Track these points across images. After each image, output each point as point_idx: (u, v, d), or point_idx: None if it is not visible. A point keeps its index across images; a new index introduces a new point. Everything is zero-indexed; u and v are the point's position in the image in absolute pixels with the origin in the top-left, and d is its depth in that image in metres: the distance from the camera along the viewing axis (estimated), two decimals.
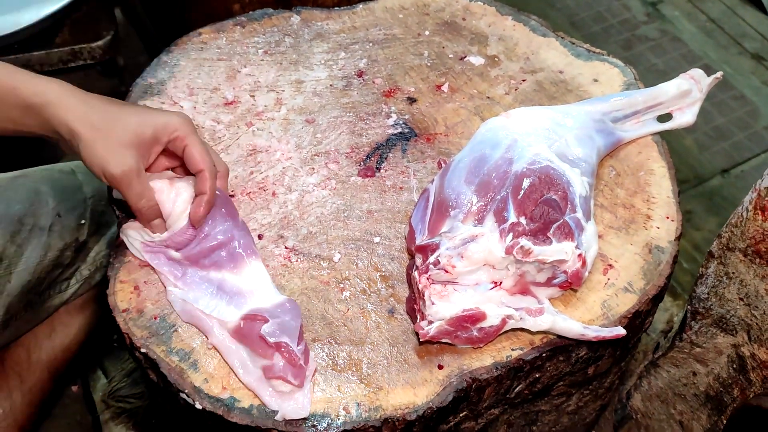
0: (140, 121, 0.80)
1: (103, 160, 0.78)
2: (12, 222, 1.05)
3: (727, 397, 1.01)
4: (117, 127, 0.78)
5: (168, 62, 1.05)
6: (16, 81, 0.78)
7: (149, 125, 0.80)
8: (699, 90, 0.98)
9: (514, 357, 0.79)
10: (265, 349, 0.74)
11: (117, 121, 0.79)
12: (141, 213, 0.82)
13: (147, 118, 0.81)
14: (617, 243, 0.88)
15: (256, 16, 1.12)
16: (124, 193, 0.80)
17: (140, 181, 0.80)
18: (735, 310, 0.95)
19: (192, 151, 0.81)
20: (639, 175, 0.95)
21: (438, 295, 0.77)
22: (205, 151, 0.82)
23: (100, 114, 0.78)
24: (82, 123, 0.77)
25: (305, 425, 0.74)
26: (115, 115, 0.79)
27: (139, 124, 0.80)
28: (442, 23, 1.13)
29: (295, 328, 0.75)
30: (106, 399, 1.35)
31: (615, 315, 0.83)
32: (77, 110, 0.78)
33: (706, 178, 1.86)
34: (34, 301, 1.10)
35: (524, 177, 0.81)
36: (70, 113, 0.77)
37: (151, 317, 0.81)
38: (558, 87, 1.05)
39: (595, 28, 2.18)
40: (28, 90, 0.78)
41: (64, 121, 0.77)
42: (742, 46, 2.15)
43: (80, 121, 0.77)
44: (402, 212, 0.91)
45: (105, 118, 0.78)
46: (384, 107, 1.02)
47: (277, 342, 0.74)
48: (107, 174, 0.78)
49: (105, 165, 0.78)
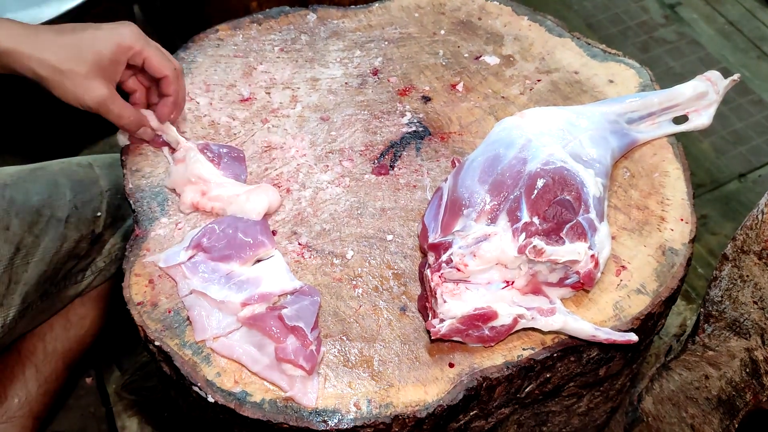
0: (95, 50, 0.83)
1: (76, 96, 0.82)
2: (30, 213, 1.06)
3: (740, 401, 1.00)
4: (77, 62, 0.81)
5: (185, 58, 1.06)
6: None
7: (105, 50, 0.83)
8: (715, 92, 0.98)
9: (525, 357, 0.79)
10: (281, 331, 0.75)
11: (74, 56, 0.82)
12: (127, 128, 0.88)
13: (100, 43, 0.83)
14: (630, 244, 0.88)
15: (272, 13, 1.13)
16: (106, 116, 0.85)
17: (116, 103, 0.85)
18: (749, 314, 0.94)
19: (151, 61, 0.86)
20: (653, 176, 0.95)
21: (450, 294, 0.78)
22: (162, 56, 0.87)
23: (55, 51, 0.82)
24: (43, 66, 0.81)
25: (316, 420, 0.74)
26: (70, 49, 0.82)
27: (95, 53, 0.83)
28: (457, 22, 1.13)
29: (313, 313, 0.77)
30: (119, 391, 1.37)
31: (627, 316, 0.82)
32: (33, 53, 0.81)
33: (723, 182, 1.85)
34: (50, 291, 1.12)
35: (538, 177, 0.81)
36: (27, 59, 0.81)
37: (165, 311, 0.81)
38: (573, 87, 1.05)
39: (612, 30, 2.16)
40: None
41: (27, 67, 0.81)
42: (761, 49, 2.13)
43: (40, 64, 0.81)
44: (415, 210, 0.91)
45: (62, 55, 0.81)
46: (399, 106, 1.02)
47: (294, 326, 0.75)
48: (84, 107, 0.83)
49: (80, 100, 0.82)
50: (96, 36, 0.84)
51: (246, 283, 0.80)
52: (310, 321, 0.77)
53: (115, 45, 0.84)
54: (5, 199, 1.04)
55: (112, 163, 1.20)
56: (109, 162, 1.21)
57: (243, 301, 0.79)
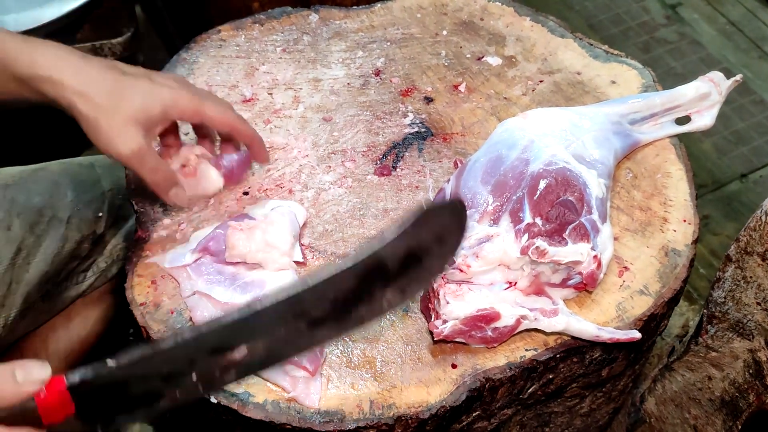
0: (146, 98, 0.75)
1: (108, 140, 0.73)
2: (31, 213, 1.06)
3: (743, 402, 1.00)
4: (121, 104, 0.73)
5: (187, 59, 1.06)
6: (7, 53, 0.72)
7: (157, 102, 0.75)
8: (718, 93, 0.97)
9: (527, 357, 0.79)
10: None
11: (121, 97, 0.73)
12: (158, 186, 0.79)
13: (153, 94, 0.76)
14: (633, 245, 0.88)
15: (274, 14, 1.13)
16: (137, 171, 0.77)
17: (151, 156, 0.76)
18: (752, 315, 0.94)
19: (211, 119, 0.79)
20: (656, 177, 0.94)
21: (453, 295, 0.77)
22: (219, 109, 0.79)
23: (100, 86, 0.73)
24: (82, 98, 0.72)
25: (319, 421, 0.74)
26: (118, 89, 0.74)
27: (145, 101, 0.74)
28: (459, 23, 1.13)
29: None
30: None
31: (630, 317, 0.82)
32: (75, 83, 0.72)
33: (725, 182, 1.85)
34: (51, 292, 1.12)
35: (540, 178, 0.81)
36: (68, 88, 0.72)
37: (168, 311, 0.81)
38: (575, 88, 1.04)
39: (613, 30, 2.16)
40: (22, 63, 0.72)
41: (63, 96, 0.72)
42: (762, 49, 2.13)
43: (80, 96, 0.72)
44: None
45: (107, 92, 0.73)
46: (401, 106, 1.02)
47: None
48: (114, 154, 0.74)
49: (111, 145, 0.73)
50: (148, 86, 0.76)
51: (251, 285, 0.80)
52: None
53: (170, 101, 0.76)
54: (6, 199, 1.04)
55: (114, 163, 1.20)
56: (110, 162, 1.20)
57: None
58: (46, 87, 0.72)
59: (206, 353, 0.63)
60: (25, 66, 0.72)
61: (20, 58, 0.72)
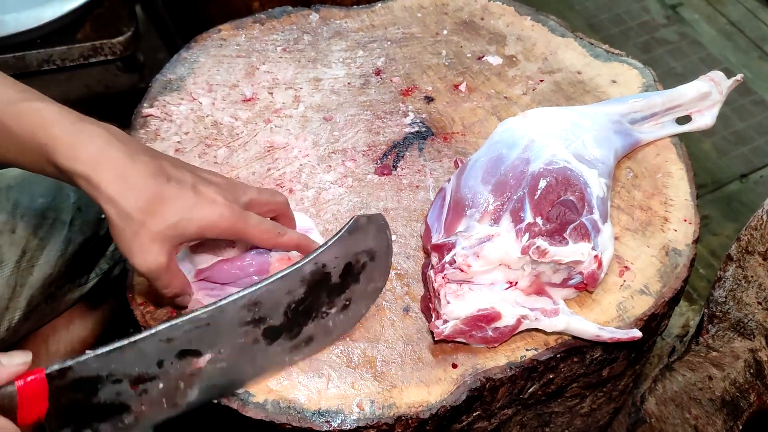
0: (184, 217, 0.69)
1: (128, 252, 0.69)
2: (35, 216, 1.06)
3: (744, 402, 1.00)
4: (154, 219, 0.68)
5: (188, 58, 1.06)
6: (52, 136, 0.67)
7: (194, 223, 0.70)
8: (719, 92, 0.97)
9: (528, 357, 0.79)
10: None
11: (155, 213, 0.68)
12: (166, 295, 0.75)
13: (192, 212, 0.70)
14: (634, 245, 0.88)
15: (275, 13, 1.13)
16: (150, 282, 0.73)
17: (168, 274, 0.71)
18: (753, 314, 0.94)
19: (252, 240, 0.74)
20: (656, 177, 0.94)
21: (453, 294, 0.77)
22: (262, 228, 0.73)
23: (138, 197, 0.68)
24: (115, 208, 0.67)
25: (318, 421, 0.74)
26: (156, 203, 0.68)
27: (181, 220, 0.69)
28: (460, 22, 1.13)
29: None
30: None
31: (630, 317, 0.82)
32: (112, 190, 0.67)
33: (725, 182, 1.85)
34: (54, 294, 1.12)
35: (541, 177, 0.81)
36: (103, 194, 0.67)
37: (168, 311, 0.81)
38: (576, 88, 1.04)
39: (613, 30, 2.16)
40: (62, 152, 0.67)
41: (96, 198, 0.68)
42: (763, 50, 2.13)
43: (113, 205, 0.67)
44: (418, 211, 0.91)
45: (142, 206, 0.68)
46: (401, 106, 1.02)
47: None
48: (130, 264, 0.70)
49: (130, 256, 0.69)
50: (190, 202, 0.69)
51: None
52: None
53: (207, 224, 0.70)
54: (10, 202, 1.04)
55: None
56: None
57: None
58: (82, 183, 0.68)
59: (174, 355, 0.67)
60: (65, 158, 0.67)
61: (62, 149, 0.67)
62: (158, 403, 0.67)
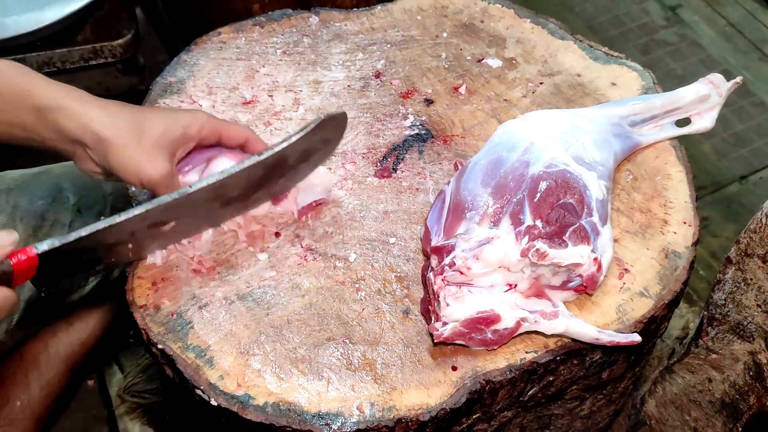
0: (167, 123, 0.79)
1: (138, 166, 0.76)
2: (34, 217, 1.06)
3: (743, 404, 1.00)
4: (145, 131, 0.77)
5: (188, 61, 1.06)
6: (32, 84, 0.75)
7: (177, 125, 0.79)
8: (718, 94, 0.98)
9: (528, 360, 0.79)
10: None
11: (143, 125, 0.77)
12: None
13: (172, 118, 0.80)
14: (633, 247, 0.88)
15: (275, 16, 1.13)
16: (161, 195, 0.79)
17: (175, 181, 0.80)
18: (752, 317, 0.94)
19: (229, 133, 0.83)
20: (656, 179, 0.95)
21: (453, 297, 0.77)
22: (236, 127, 0.85)
23: (123, 119, 0.77)
24: (109, 128, 0.75)
25: (319, 423, 0.74)
26: (140, 119, 0.78)
27: (166, 125, 0.78)
28: (460, 25, 1.13)
29: None
30: (121, 394, 1.37)
31: (630, 320, 0.82)
32: (100, 116, 0.76)
33: (724, 184, 1.85)
34: (54, 297, 1.12)
35: (541, 180, 0.81)
36: (94, 120, 0.75)
37: (168, 314, 0.81)
38: (576, 90, 1.05)
39: (613, 32, 2.17)
40: (45, 94, 0.75)
41: (89, 128, 0.75)
42: (762, 51, 2.13)
43: (107, 126, 0.75)
44: (418, 213, 0.91)
45: (130, 123, 0.77)
46: (401, 108, 1.02)
47: None
48: (144, 178, 0.77)
49: (141, 170, 0.77)
50: (165, 112, 0.81)
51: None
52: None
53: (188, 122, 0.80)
54: (9, 203, 1.04)
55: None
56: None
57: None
58: (69, 118, 0.75)
59: (145, 226, 0.78)
60: (48, 98, 0.74)
61: (44, 91, 0.75)
62: (125, 255, 0.82)
